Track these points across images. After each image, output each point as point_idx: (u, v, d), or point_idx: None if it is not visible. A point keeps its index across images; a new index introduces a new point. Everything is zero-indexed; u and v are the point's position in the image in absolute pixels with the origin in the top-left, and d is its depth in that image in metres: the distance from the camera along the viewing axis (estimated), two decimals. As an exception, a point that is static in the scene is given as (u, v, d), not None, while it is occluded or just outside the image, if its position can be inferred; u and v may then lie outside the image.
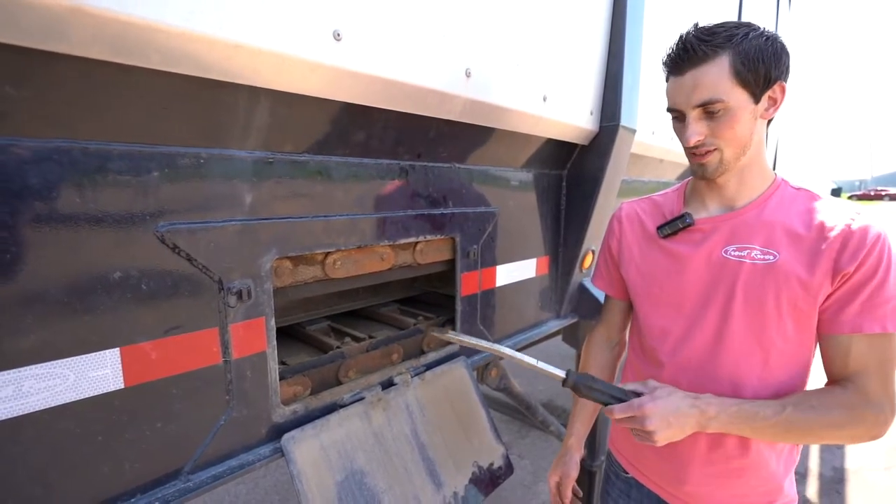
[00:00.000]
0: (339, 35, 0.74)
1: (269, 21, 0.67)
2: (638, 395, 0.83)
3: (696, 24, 0.81)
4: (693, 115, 0.81)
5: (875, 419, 0.76)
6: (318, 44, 0.73)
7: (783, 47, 0.79)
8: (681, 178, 2.67)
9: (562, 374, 0.89)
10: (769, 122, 0.86)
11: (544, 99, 1.23)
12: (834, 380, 0.82)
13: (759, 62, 0.76)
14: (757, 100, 0.79)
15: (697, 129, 0.81)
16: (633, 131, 1.52)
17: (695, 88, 0.79)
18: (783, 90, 0.81)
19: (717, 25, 0.79)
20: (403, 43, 0.85)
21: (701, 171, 0.86)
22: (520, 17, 1.11)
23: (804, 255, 0.79)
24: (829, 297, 0.78)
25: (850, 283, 0.76)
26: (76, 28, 0.51)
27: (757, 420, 0.78)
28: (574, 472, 1.11)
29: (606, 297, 1.14)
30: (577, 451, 1.13)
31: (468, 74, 0.99)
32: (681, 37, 0.81)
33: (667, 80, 0.86)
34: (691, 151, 0.86)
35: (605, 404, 0.84)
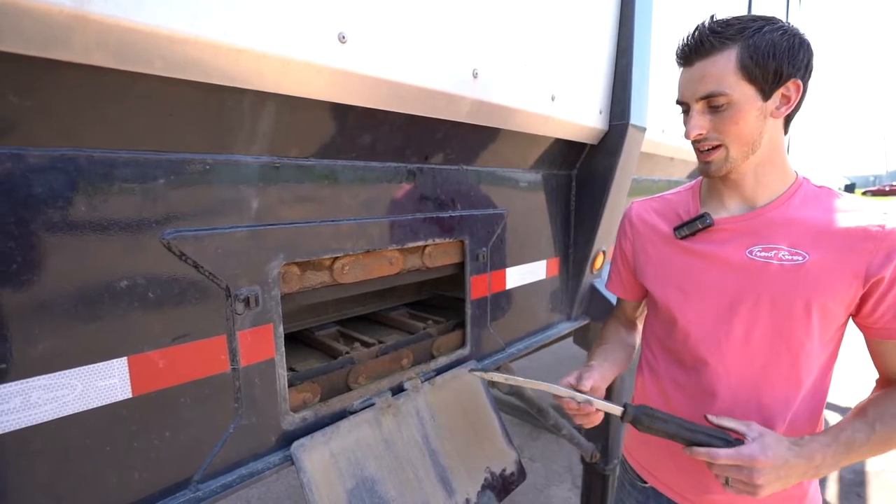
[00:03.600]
0: (344, 37, 0.74)
1: (274, 24, 0.66)
2: (725, 438, 0.78)
3: (712, 16, 0.79)
4: (697, 108, 0.80)
5: None
6: (322, 47, 0.72)
7: (802, 43, 0.76)
8: (692, 175, 2.63)
9: (618, 409, 0.85)
10: (788, 120, 0.83)
11: (552, 98, 1.21)
12: (890, 379, 0.81)
13: (770, 57, 0.74)
14: (766, 96, 0.77)
15: (699, 123, 0.80)
16: (643, 130, 1.49)
17: (700, 80, 0.78)
18: (798, 88, 0.77)
19: (733, 18, 0.77)
20: (409, 44, 0.84)
21: (705, 169, 0.84)
22: (527, 16, 1.09)
23: (834, 255, 0.76)
24: (879, 303, 0.76)
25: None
26: (78, 35, 0.51)
27: (854, 448, 0.75)
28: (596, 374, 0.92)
29: (619, 299, 1.12)
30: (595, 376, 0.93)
31: (475, 75, 0.98)
32: (695, 27, 0.80)
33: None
34: (696, 147, 0.84)
35: (682, 441, 0.79)
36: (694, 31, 0.79)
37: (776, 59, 0.74)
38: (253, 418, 0.82)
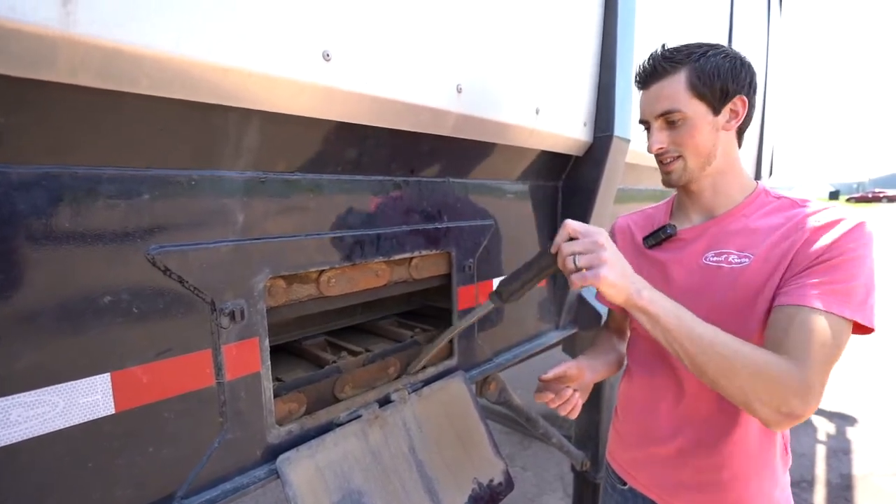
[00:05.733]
0: (328, 55, 0.75)
1: (259, 43, 0.67)
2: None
3: (663, 45, 0.89)
4: (656, 125, 0.89)
5: (798, 387, 0.68)
6: (307, 64, 0.73)
7: (743, 65, 0.85)
8: (677, 185, 2.67)
9: (488, 303, 0.92)
10: (740, 133, 0.92)
11: (537, 112, 1.23)
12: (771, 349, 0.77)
13: (715, 77, 0.83)
14: (716, 112, 0.85)
15: (659, 138, 0.89)
16: (628, 141, 1.52)
17: (657, 100, 0.87)
18: (744, 103, 0.86)
19: (682, 45, 0.87)
20: (393, 61, 0.86)
21: (667, 179, 0.93)
22: (510, 31, 1.11)
23: (778, 252, 0.80)
24: (790, 274, 0.77)
25: (811, 259, 0.75)
26: (63, 56, 0.51)
27: (684, 319, 0.73)
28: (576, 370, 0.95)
29: (609, 309, 1.18)
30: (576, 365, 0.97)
31: (459, 90, 0.99)
32: (650, 55, 0.89)
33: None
34: (658, 159, 0.92)
35: (542, 273, 0.84)
36: (648, 59, 0.89)
37: (721, 78, 0.83)
38: (238, 432, 0.81)
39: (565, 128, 1.35)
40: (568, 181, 1.58)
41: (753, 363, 0.70)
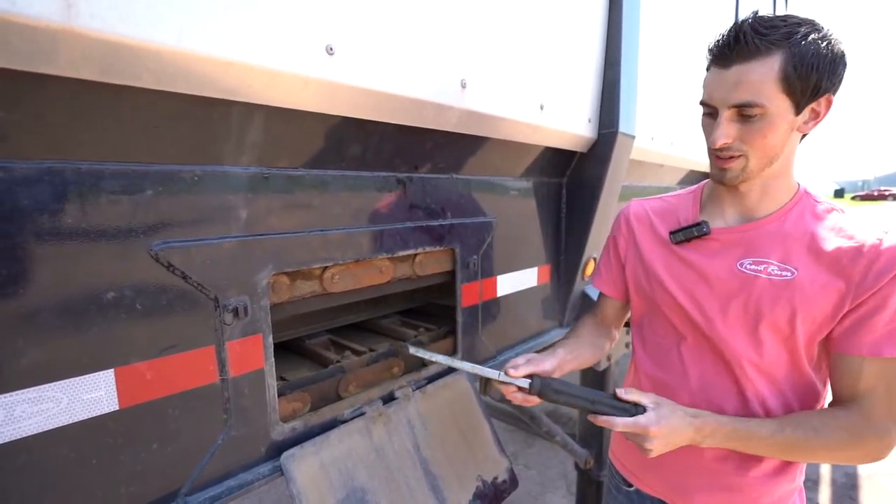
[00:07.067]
0: (331, 49, 0.74)
1: (262, 37, 0.66)
2: (625, 408, 0.80)
3: (755, 12, 0.74)
4: (726, 115, 0.75)
5: (877, 443, 0.75)
6: (311, 59, 0.72)
7: (841, 57, 0.71)
8: (681, 182, 2.66)
9: (526, 382, 0.84)
10: (804, 135, 0.80)
11: (541, 108, 1.22)
12: (839, 399, 0.79)
13: (813, 69, 0.69)
14: (798, 110, 0.73)
15: (727, 132, 0.75)
16: (632, 137, 1.51)
17: (736, 86, 0.72)
18: (829, 104, 0.74)
19: (778, 18, 0.71)
20: (397, 55, 0.85)
21: (720, 176, 0.81)
22: (514, 26, 1.10)
23: (824, 272, 0.75)
24: (846, 314, 0.74)
25: (873, 304, 0.72)
26: (64, 49, 0.51)
27: (752, 440, 0.78)
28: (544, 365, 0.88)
29: (601, 294, 1.11)
30: (550, 362, 0.89)
31: (463, 85, 0.99)
32: (736, 24, 0.73)
33: (707, 70, 0.78)
34: (715, 154, 0.79)
35: (586, 410, 0.83)
36: (735, 29, 0.72)
37: (818, 71, 0.69)
38: (242, 429, 0.81)
39: (570, 124, 1.35)
40: (572, 178, 1.57)
41: (831, 447, 0.76)
